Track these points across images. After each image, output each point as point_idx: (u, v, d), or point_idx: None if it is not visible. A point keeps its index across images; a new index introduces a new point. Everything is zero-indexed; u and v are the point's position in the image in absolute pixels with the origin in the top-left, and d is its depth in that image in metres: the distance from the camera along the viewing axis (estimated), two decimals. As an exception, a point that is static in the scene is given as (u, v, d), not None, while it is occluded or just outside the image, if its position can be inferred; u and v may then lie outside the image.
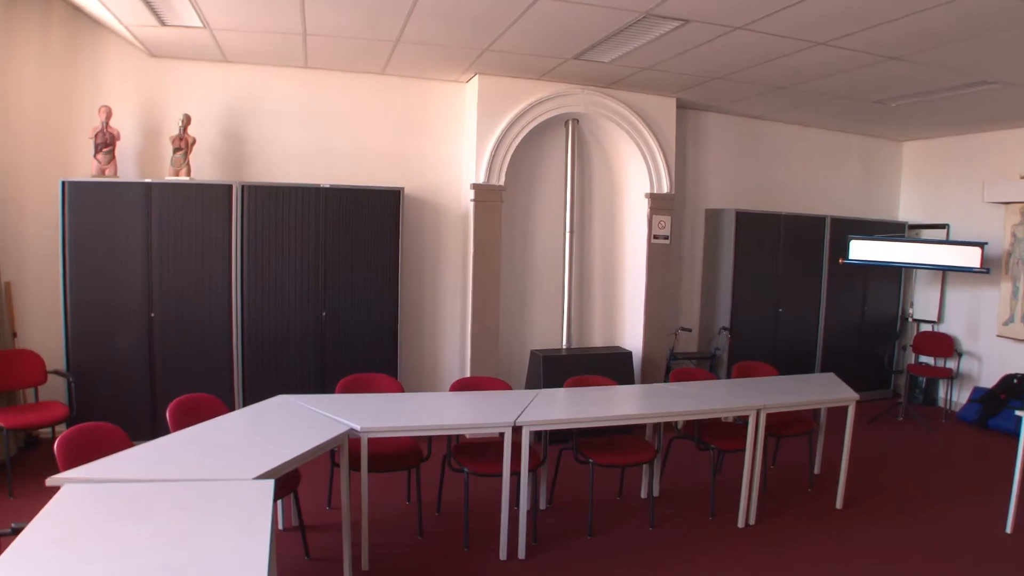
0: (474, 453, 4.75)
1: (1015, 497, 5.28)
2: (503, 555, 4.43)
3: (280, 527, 4.69)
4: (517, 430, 4.31)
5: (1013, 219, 8.36)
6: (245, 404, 5.45)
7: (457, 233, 7.16)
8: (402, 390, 5.22)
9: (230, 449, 3.57)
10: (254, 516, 2.69)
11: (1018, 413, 5.34)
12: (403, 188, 6.52)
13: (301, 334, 6.31)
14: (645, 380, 7.40)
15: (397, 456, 4.66)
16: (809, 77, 6.41)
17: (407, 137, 7.03)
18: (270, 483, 3.02)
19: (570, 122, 7.29)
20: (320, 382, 6.28)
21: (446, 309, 7.25)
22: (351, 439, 4.05)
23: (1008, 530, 5.29)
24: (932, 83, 6.39)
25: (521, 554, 4.45)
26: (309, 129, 6.77)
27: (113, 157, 5.93)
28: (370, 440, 4.13)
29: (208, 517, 2.68)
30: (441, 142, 7.13)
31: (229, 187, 6.02)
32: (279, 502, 4.48)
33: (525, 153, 7.17)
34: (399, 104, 7.00)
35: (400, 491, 5.38)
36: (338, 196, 6.32)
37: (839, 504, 5.61)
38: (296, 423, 4.08)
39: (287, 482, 4.04)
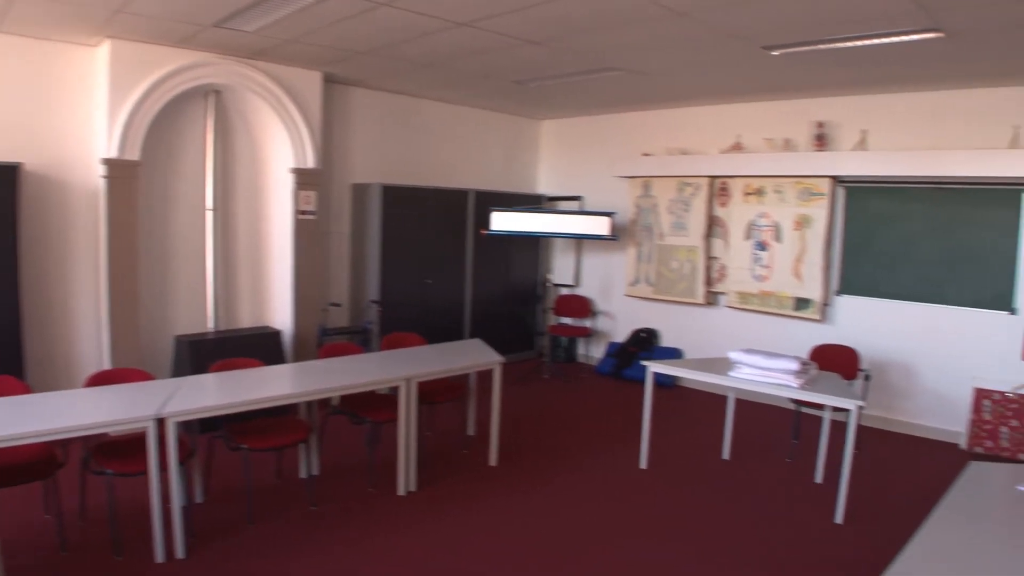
0: (119, 452, 4.37)
1: (646, 437, 5.98)
2: (160, 557, 4.14)
3: None
4: (162, 422, 4.05)
5: (636, 192, 9.19)
6: None
7: (88, 213, 6.45)
8: (30, 391, 4.66)
9: None
10: None
11: (643, 363, 5.97)
12: (22, 164, 5.82)
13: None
14: (298, 358, 7.25)
15: (27, 466, 4.14)
16: (453, 56, 6.57)
17: (29, 105, 6.15)
18: None
19: (211, 94, 6.91)
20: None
21: (79, 297, 6.54)
22: (-33, 450, 3.59)
23: (643, 466, 5.98)
24: (565, 67, 6.80)
25: (180, 553, 4.20)
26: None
27: None
28: (-9, 450, 3.68)
29: None
30: (69, 112, 6.33)
31: None
32: None
33: (163, 126, 6.64)
34: (18, 67, 6.09)
35: (36, 504, 4.74)
36: (-60, 174, 5.50)
37: (493, 461, 5.94)
38: None
39: None
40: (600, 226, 8.67)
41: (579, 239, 9.73)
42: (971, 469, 3.68)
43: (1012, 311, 6.59)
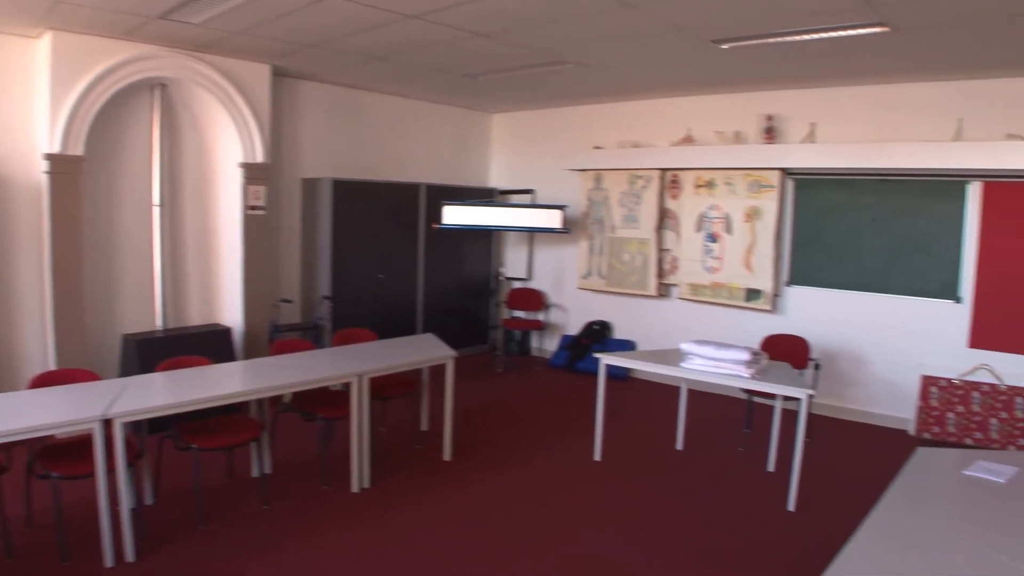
0: (66, 454, 4.28)
1: (600, 429, 6.01)
2: (109, 561, 4.05)
3: None
4: (108, 423, 3.97)
5: (588, 184, 9.22)
6: None
7: (31, 209, 6.25)
8: (-30, 392, 4.57)
9: None
10: None
11: (596, 355, 5.99)
12: (-42, 161, 5.68)
13: None
14: (248, 356, 7.11)
15: (-32, 470, 4.07)
16: (403, 49, 6.52)
17: (-36, 100, 6.02)
18: None
19: (158, 88, 6.77)
20: None
21: (22, 296, 6.35)
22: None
23: (597, 458, 6.01)
24: (516, 60, 6.79)
25: (129, 556, 4.11)
26: None
27: None
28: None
29: None
30: (10, 106, 6.13)
31: None
32: None
33: (108, 120, 6.49)
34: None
35: (-22, 509, 4.66)
36: None
37: (447, 456, 5.93)
38: None
39: None
40: (552, 219, 8.68)
41: (531, 232, 9.73)
42: (918, 455, 3.75)
43: (957, 300, 6.73)
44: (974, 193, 6.62)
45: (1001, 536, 2.81)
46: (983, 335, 6.62)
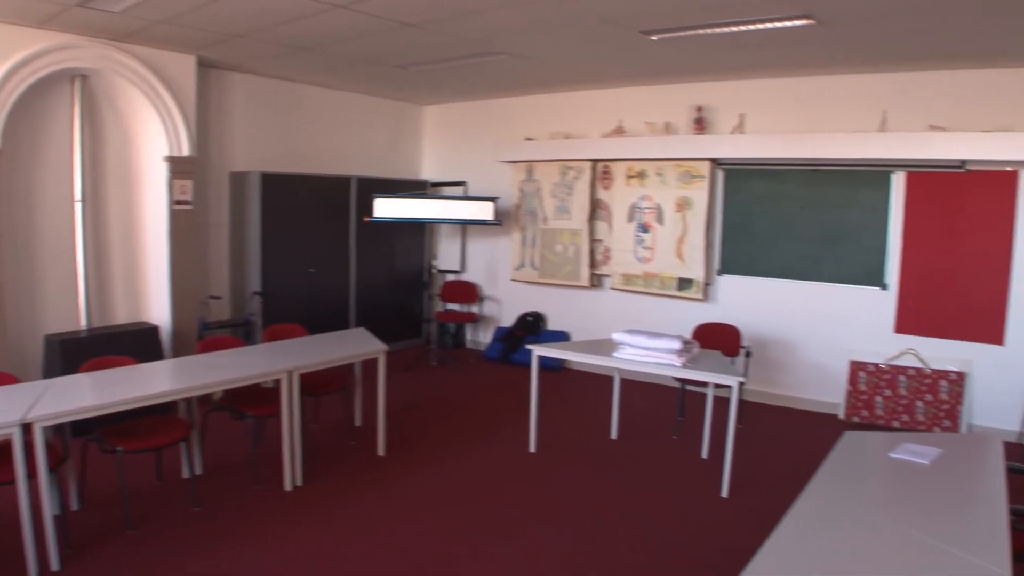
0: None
1: (534, 421, 6.03)
2: (33, 571, 3.90)
3: None
4: (28, 427, 3.83)
5: (520, 176, 9.23)
6: None
7: None
8: None
9: None
10: None
11: (529, 347, 6.00)
12: None
13: None
14: (177, 354, 6.89)
15: None
16: (332, 40, 6.42)
17: None
18: None
19: (78, 79, 6.56)
20: None
21: None
22: None
23: (532, 449, 6.02)
24: (447, 51, 6.74)
25: (55, 565, 3.98)
26: None
27: None
28: None
29: None
30: None
31: None
32: None
33: (25, 113, 6.24)
34: None
35: None
36: None
37: (381, 451, 5.88)
38: None
39: None
40: (484, 211, 8.68)
41: (464, 224, 9.71)
42: (847, 439, 3.85)
43: (883, 287, 6.90)
44: (898, 182, 6.78)
45: (924, 516, 2.89)
46: (908, 321, 6.80)
